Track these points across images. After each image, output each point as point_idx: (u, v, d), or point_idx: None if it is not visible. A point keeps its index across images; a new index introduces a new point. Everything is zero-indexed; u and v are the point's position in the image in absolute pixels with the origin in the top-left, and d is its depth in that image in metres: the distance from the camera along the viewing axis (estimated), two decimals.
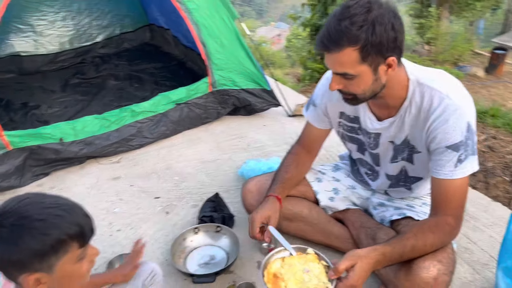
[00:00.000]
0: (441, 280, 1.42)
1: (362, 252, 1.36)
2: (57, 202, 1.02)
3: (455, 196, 1.45)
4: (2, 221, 0.94)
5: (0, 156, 2.38)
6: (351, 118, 1.70)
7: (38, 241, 0.95)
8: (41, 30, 4.14)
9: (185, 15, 2.82)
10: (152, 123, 2.87)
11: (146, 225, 2.16)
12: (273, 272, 1.40)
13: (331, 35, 1.31)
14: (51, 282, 1.00)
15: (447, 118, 1.39)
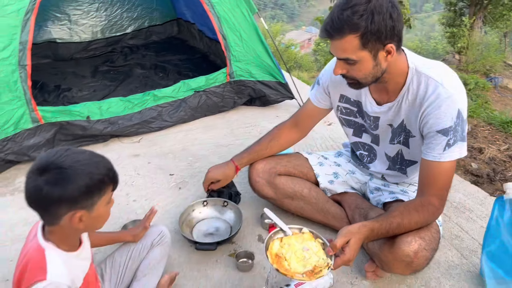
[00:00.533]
0: (421, 255, 1.55)
1: (353, 228, 1.50)
2: (92, 153, 1.23)
3: (441, 178, 1.56)
4: (52, 167, 1.13)
5: (33, 129, 2.62)
6: (351, 101, 1.83)
7: (87, 178, 1.14)
8: (76, 19, 4.43)
9: (208, 8, 3.01)
10: (172, 108, 3.06)
11: (159, 198, 2.35)
12: (275, 253, 1.53)
13: (334, 24, 1.43)
14: (87, 221, 1.20)
15: (440, 105, 1.51)
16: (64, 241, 1.24)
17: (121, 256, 1.66)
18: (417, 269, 1.60)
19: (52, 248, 1.21)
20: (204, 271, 1.85)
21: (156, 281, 1.66)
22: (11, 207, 2.31)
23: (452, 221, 2.14)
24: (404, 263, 1.56)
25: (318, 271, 1.46)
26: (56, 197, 1.12)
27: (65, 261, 1.22)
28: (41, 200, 1.14)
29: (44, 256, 1.18)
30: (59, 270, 1.18)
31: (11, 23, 2.46)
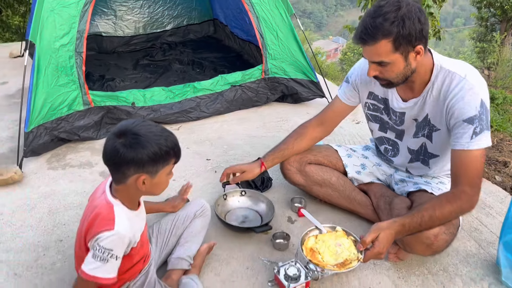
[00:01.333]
0: (441, 238, 1.68)
1: (384, 224, 1.61)
2: (164, 128, 1.41)
3: (471, 166, 1.61)
4: (130, 132, 1.32)
5: (84, 111, 2.86)
6: (379, 98, 1.97)
7: (156, 147, 1.32)
8: (121, 14, 4.70)
9: (248, 8, 3.20)
10: (209, 100, 3.26)
11: (197, 179, 2.54)
12: (310, 247, 1.70)
13: (368, 31, 1.55)
14: (149, 185, 1.38)
15: (463, 96, 1.63)
16: (128, 200, 1.42)
17: (167, 223, 1.85)
18: (437, 251, 1.72)
19: (119, 205, 1.40)
20: (238, 244, 2.02)
21: (197, 248, 1.84)
22: (62, 179, 2.54)
23: (472, 216, 2.25)
24: (424, 244, 1.68)
25: (348, 263, 1.61)
26: (128, 159, 1.31)
27: (129, 217, 1.41)
28: (116, 159, 1.32)
29: (113, 210, 1.37)
30: (124, 224, 1.36)
31: (71, 13, 2.71)
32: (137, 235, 1.46)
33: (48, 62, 2.64)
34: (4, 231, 2.09)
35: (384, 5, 1.55)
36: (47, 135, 2.67)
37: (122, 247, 1.36)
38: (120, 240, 1.34)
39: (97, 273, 1.31)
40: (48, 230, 2.10)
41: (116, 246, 1.33)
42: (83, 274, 1.32)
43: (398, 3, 1.53)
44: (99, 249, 1.31)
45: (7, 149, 2.86)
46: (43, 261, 1.90)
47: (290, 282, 1.68)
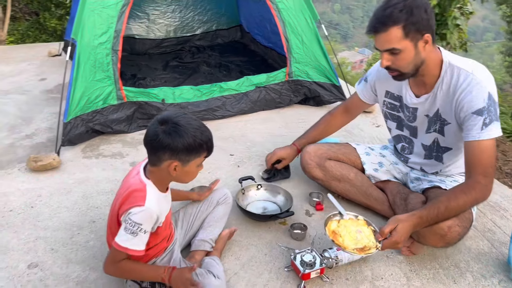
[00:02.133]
0: (454, 230, 1.75)
1: (402, 217, 1.70)
2: (202, 123, 1.54)
3: (483, 156, 1.69)
4: (171, 121, 1.45)
5: (117, 105, 3.04)
6: (395, 96, 2.08)
7: (191, 139, 1.46)
8: (154, 18, 4.93)
9: (275, 13, 3.35)
10: (234, 100, 3.41)
11: (220, 172, 2.68)
12: (332, 230, 1.80)
13: (379, 19, 1.69)
14: (179, 172, 1.52)
15: (471, 90, 1.73)
16: (159, 182, 1.57)
17: (192, 209, 1.99)
18: (450, 243, 1.80)
19: (151, 185, 1.54)
20: (258, 232, 2.13)
21: (219, 232, 1.97)
22: (96, 167, 2.72)
23: (486, 217, 2.31)
24: (438, 235, 1.76)
25: (367, 249, 1.70)
26: (165, 144, 1.45)
27: (158, 198, 1.55)
28: (154, 143, 1.47)
29: (145, 189, 1.51)
30: (154, 202, 1.50)
31: (110, 14, 2.91)
32: (163, 216, 1.60)
33: (87, 58, 2.84)
34: (42, 211, 2.27)
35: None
36: (83, 126, 2.86)
37: (150, 222, 1.49)
38: (149, 215, 1.48)
39: (128, 245, 1.45)
40: (82, 212, 2.27)
41: (145, 221, 1.47)
42: (116, 245, 1.46)
43: None
44: (130, 222, 1.45)
45: (45, 138, 3.06)
46: (78, 239, 2.06)
47: (305, 267, 1.79)
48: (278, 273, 1.87)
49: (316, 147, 2.35)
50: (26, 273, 1.84)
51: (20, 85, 4.16)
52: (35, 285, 1.78)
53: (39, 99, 3.80)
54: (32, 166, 2.60)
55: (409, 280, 1.86)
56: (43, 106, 3.64)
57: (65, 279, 1.82)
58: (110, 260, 1.53)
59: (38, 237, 2.07)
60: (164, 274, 1.54)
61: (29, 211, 2.26)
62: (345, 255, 1.89)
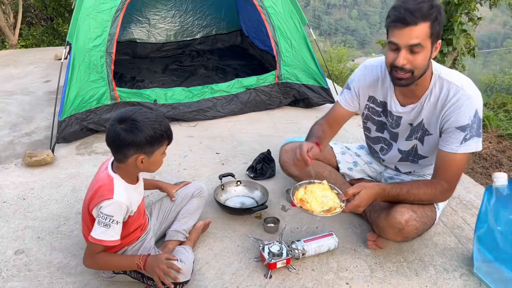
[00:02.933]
0: (411, 224, 1.82)
1: (367, 184, 1.82)
2: (158, 114, 1.65)
3: (454, 167, 1.80)
4: (129, 118, 1.55)
5: (110, 105, 3.19)
6: (378, 102, 2.09)
7: (152, 131, 1.56)
8: (155, 23, 5.10)
9: (265, 18, 3.46)
10: (225, 101, 3.53)
11: (205, 169, 2.79)
12: (300, 198, 1.90)
13: (410, 11, 1.59)
14: (146, 164, 1.62)
15: (461, 105, 1.75)
16: (127, 176, 1.68)
17: (167, 201, 2.09)
18: (407, 236, 1.87)
19: (118, 178, 1.65)
20: (233, 225, 2.23)
21: (193, 223, 2.08)
22: (87, 164, 2.86)
23: (457, 215, 2.37)
24: (396, 229, 1.84)
25: (333, 209, 1.81)
26: (128, 141, 1.55)
27: (127, 189, 1.66)
28: (117, 142, 1.57)
29: (113, 182, 1.63)
30: (122, 194, 1.61)
31: (104, 18, 3.06)
32: (134, 206, 1.71)
33: (82, 60, 2.99)
34: (33, 203, 2.41)
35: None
36: (77, 125, 3.01)
37: (121, 213, 1.61)
38: (119, 207, 1.59)
39: (103, 237, 1.57)
40: (70, 204, 2.40)
41: (116, 213, 1.58)
42: (92, 239, 1.58)
43: None
44: (102, 216, 1.56)
45: (43, 136, 3.23)
46: (63, 229, 2.20)
47: (272, 257, 1.88)
48: (248, 263, 1.96)
49: (293, 146, 2.44)
50: (12, 258, 1.98)
51: (25, 87, 4.36)
52: (20, 269, 1.91)
53: (42, 100, 3.99)
54: (27, 162, 2.76)
55: (372, 272, 1.93)
56: (44, 106, 3.82)
57: (48, 264, 1.95)
58: (88, 254, 1.64)
59: (27, 226, 2.21)
60: (139, 261, 1.65)
61: (21, 203, 2.41)
62: (311, 247, 1.97)
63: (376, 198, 1.82)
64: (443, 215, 2.34)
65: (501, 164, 4.03)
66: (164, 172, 2.73)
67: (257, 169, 2.69)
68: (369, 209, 2.09)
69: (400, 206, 1.85)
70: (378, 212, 1.98)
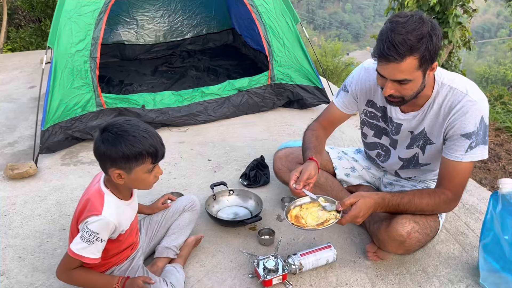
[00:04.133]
0: (413, 236, 1.72)
1: (365, 193, 1.71)
2: (147, 128, 1.50)
3: (459, 176, 1.70)
4: (110, 129, 1.44)
5: (96, 112, 3.06)
6: (377, 106, 1.97)
7: (128, 149, 1.43)
8: (143, 24, 4.96)
9: (255, 17, 3.34)
10: (216, 104, 3.41)
11: (196, 177, 2.67)
12: (295, 215, 1.79)
13: (395, 47, 1.47)
14: (127, 180, 1.50)
15: (466, 111, 1.65)
16: (117, 191, 1.56)
17: (157, 216, 1.98)
18: (409, 249, 1.77)
19: (109, 194, 1.54)
20: (226, 238, 2.12)
21: (184, 239, 1.96)
22: (73, 175, 2.73)
23: (461, 220, 2.27)
24: (397, 242, 1.74)
25: (327, 222, 1.70)
26: (102, 153, 1.44)
27: (118, 206, 1.54)
28: (96, 152, 1.47)
29: (103, 198, 1.51)
30: (112, 211, 1.50)
31: (87, 21, 2.93)
32: (126, 223, 1.60)
33: (65, 66, 2.86)
34: (14, 219, 2.28)
35: (406, 21, 1.49)
36: (61, 134, 2.88)
37: (107, 231, 1.49)
38: (106, 225, 1.48)
39: (83, 252, 1.46)
40: (54, 220, 2.28)
41: (102, 230, 1.47)
42: (70, 252, 1.46)
43: (421, 19, 1.50)
44: (87, 231, 1.45)
45: (27, 146, 3.10)
46: (46, 247, 2.07)
47: (267, 274, 1.77)
48: (242, 280, 1.86)
49: (287, 152, 2.34)
50: None
51: (9, 93, 4.21)
52: None
53: (26, 107, 3.85)
54: (9, 174, 2.63)
55: (374, 286, 1.83)
56: (28, 113, 3.68)
57: (29, 287, 1.83)
58: (63, 267, 1.53)
59: (8, 246, 2.08)
60: (117, 284, 1.54)
61: (2, 220, 2.28)
62: (309, 261, 1.87)
63: (375, 209, 1.71)
64: (446, 221, 2.24)
65: (500, 158, 3.95)
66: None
67: (251, 176, 2.58)
68: (368, 219, 1.98)
69: (401, 217, 1.75)
70: (378, 223, 1.87)
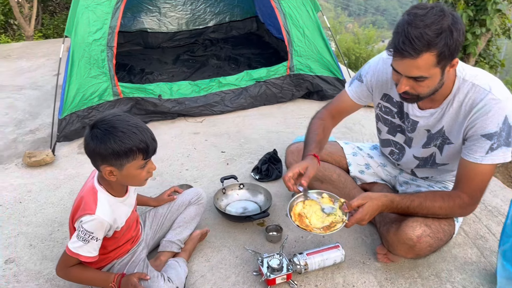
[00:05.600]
0: (424, 240, 1.63)
1: (373, 195, 1.63)
2: (137, 123, 1.46)
3: (477, 178, 1.58)
4: (99, 125, 1.42)
5: (113, 101, 3.07)
6: (394, 101, 1.86)
7: (117, 145, 1.40)
8: (165, 11, 4.93)
9: (275, 5, 3.25)
10: (234, 95, 3.35)
11: (208, 169, 2.64)
12: (298, 213, 1.74)
13: (411, 42, 1.37)
14: (119, 176, 1.47)
15: (488, 110, 1.52)
16: (111, 188, 1.54)
17: (163, 208, 1.96)
18: (420, 254, 1.67)
19: (102, 191, 1.52)
20: (233, 233, 2.09)
21: (189, 233, 1.94)
22: (88, 163, 2.67)
23: (481, 223, 2.14)
24: (406, 246, 1.65)
25: (333, 225, 1.64)
26: (92, 150, 1.42)
27: (111, 204, 1.53)
28: (86, 149, 1.46)
29: (97, 196, 1.50)
30: (106, 210, 1.49)
31: (104, 10, 2.92)
32: (122, 220, 1.58)
33: (82, 55, 2.87)
34: (29, 207, 2.33)
35: (425, 14, 1.38)
36: (78, 123, 2.91)
37: (102, 230, 1.48)
38: (100, 224, 1.47)
39: (79, 251, 1.46)
40: (66, 209, 2.31)
41: (96, 229, 1.46)
42: (68, 250, 1.47)
43: (442, 11, 1.39)
44: (82, 230, 1.44)
45: (47, 134, 3.15)
46: (56, 235, 2.10)
47: (271, 273, 1.73)
48: (246, 277, 1.82)
49: (300, 147, 2.25)
50: (2, 268, 1.90)
51: (34, 81, 4.30)
52: (8, 280, 1.83)
53: (50, 94, 3.91)
54: (27, 162, 2.68)
55: None
56: (51, 101, 3.74)
57: (37, 275, 1.86)
58: (61, 265, 1.54)
59: (20, 233, 2.12)
60: (114, 282, 1.54)
61: (17, 207, 2.33)
62: (315, 261, 1.81)
63: (382, 210, 1.64)
64: (464, 223, 2.12)
65: None
66: (165, 173, 2.60)
67: (262, 170, 2.53)
68: (379, 219, 1.90)
69: (412, 219, 1.66)
70: (387, 225, 1.78)
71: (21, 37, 8.04)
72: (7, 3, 7.93)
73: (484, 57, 7.30)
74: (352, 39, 18.91)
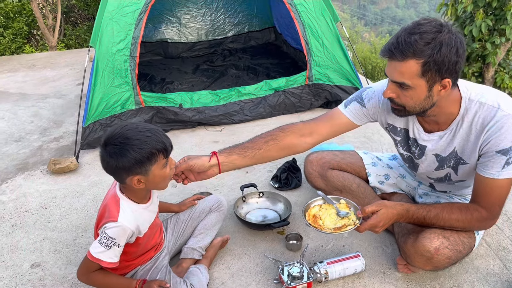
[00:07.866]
0: (442, 252, 1.61)
1: (389, 203, 1.64)
2: (146, 127, 1.50)
3: (494, 193, 1.56)
4: (112, 141, 1.44)
5: (135, 110, 3.14)
6: (398, 130, 1.83)
7: (138, 153, 1.43)
8: (185, 22, 5.03)
9: (294, 16, 3.29)
10: (253, 104, 3.39)
11: (228, 177, 2.67)
12: (313, 214, 1.76)
13: (399, 45, 1.42)
14: (146, 182, 1.50)
15: (501, 126, 1.50)
16: (134, 195, 1.58)
17: (184, 215, 1.99)
18: (438, 266, 1.66)
19: (125, 199, 1.55)
20: (253, 241, 2.10)
21: (210, 240, 1.96)
22: None
23: (504, 234, 2.12)
24: (424, 257, 1.64)
25: (344, 227, 1.66)
26: (114, 166, 1.44)
27: (135, 210, 1.56)
28: (107, 167, 1.47)
29: (119, 204, 1.53)
30: (128, 217, 1.52)
31: (128, 21, 3.00)
32: (145, 227, 1.61)
33: (106, 65, 2.95)
34: (54, 212, 2.39)
35: (424, 23, 1.43)
36: (101, 131, 2.98)
37: (124, 237, 1.52)
38: (123, 231, 1.50)
39: (101, 256, 1.48)
40: (89, 215, 2.36)
41: (119, 236, 1.49)
42: (89, 255, 1.49)
43: (440, 26, 1.42)
44: (105, 236, 1.48)
45: (71, 141, 3.23)
46: (80, 241, 2.15)
47: (292, 281, 1.74)
48: (266, 285, 1.83)
49: (319, 156, 2.28)
50: (28, 272, 1.95)
51: (59, 90, 4.42)
52: (34, 285, 1.88)
53: (73, 103, 4.02)
54: (52, 169, 2.76)
55: None
56: (75, 109, 3.84)
57: (62, 280, 1.90)
58: (83, 269, 1.57)
59: (46, 238, 2.18)
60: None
61: (42, 212, 2.40)
62: (335, 270, 1.82)
63: (397, 219, 1.63)
64: (486, 235, 2.10)
65: None
66: None
67: (282, 179, 2.54)
68: (397, 230, 1.89)
69: (430, 231, 1.65)
70: (405, 236, 1.77)
71: (45, 47, 8.27)
72: (31, 14, 8.18)
73: (503, 67, 7.19)
74: (369, 49, 18.91)
